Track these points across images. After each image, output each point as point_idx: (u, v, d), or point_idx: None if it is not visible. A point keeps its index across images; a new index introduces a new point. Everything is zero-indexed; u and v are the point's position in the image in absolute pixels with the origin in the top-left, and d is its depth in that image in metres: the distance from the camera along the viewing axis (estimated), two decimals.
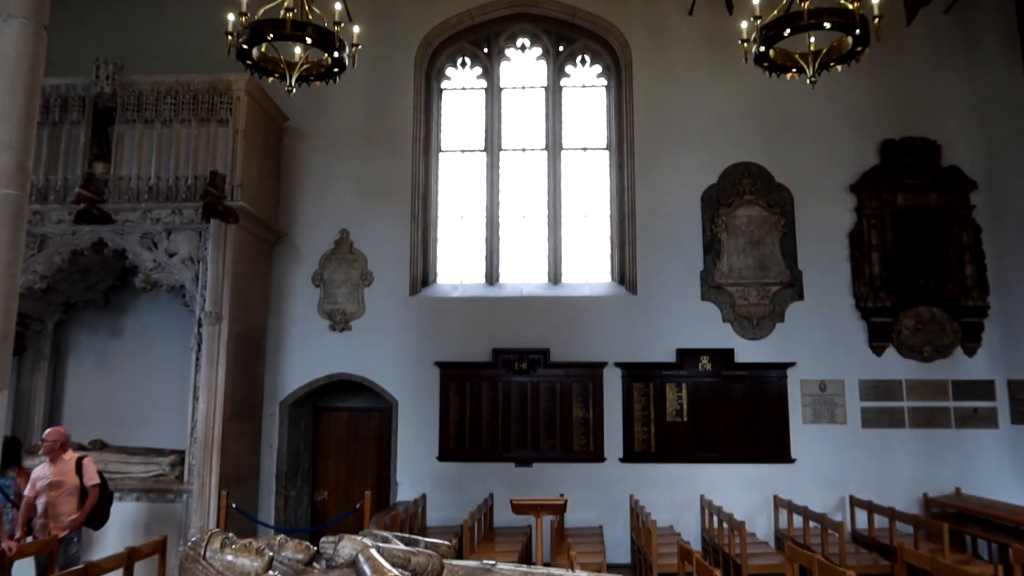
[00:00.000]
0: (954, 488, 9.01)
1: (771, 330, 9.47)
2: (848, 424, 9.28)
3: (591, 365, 9.51)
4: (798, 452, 9.23)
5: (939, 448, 9.17)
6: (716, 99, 9.91)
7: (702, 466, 9.27)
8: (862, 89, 9.75)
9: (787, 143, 9.77)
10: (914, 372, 9.34)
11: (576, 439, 9.41)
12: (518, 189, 10.57)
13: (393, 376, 9.68)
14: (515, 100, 10.86)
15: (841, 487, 9.11)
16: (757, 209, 9.66)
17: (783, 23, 6.83)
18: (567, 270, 10.25)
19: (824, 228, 9.62)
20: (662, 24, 10.26)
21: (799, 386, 9.36)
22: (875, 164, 9.69)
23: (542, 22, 10.79)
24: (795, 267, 9.55)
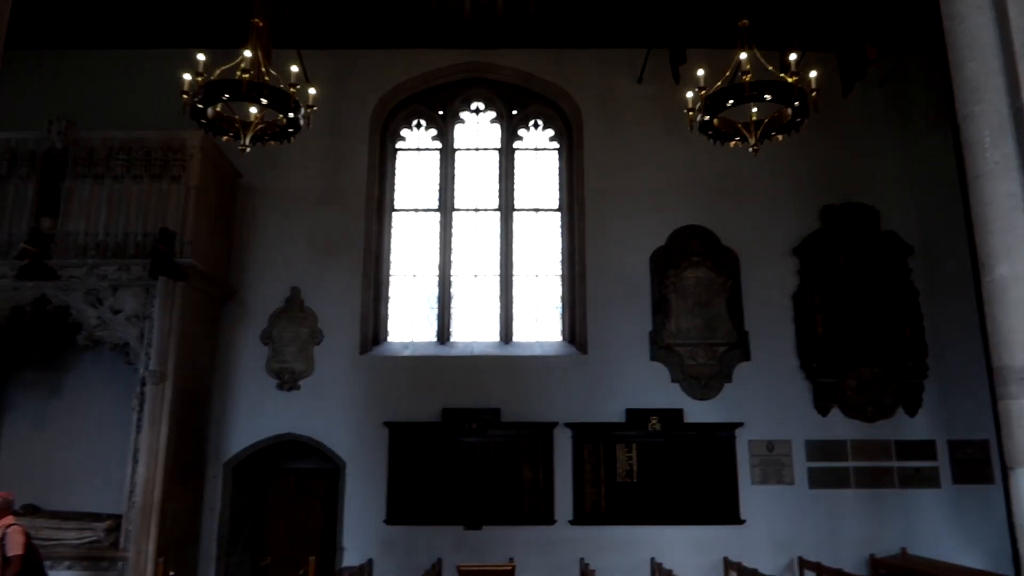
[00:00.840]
0: (900, 548, 9.09)
1: (719, 390, 9.59)
2: (796, 484, 9.36)
3: (541, 425, 9.49)
4: (747, 513, 9.27)
5: (884, 508, 9.29)
6: (664, 164, 10.21)
7: (653, 528, 9.23)
8: (804, 157, 10.13)
9: (733, 207, 10.07)
10: (858, 432, 9.51)
11: (526, 501, 9.32)
12: (471, 249, 10.67)
13: (341, 437, 9.53)
14: (469, 161, 11.04)
15: (790, 548, 9.14)
16: (704, 271, 9.88)
17: (726, 94, 7.14)
18: (518, 329, 10.30)
19: (769, 290, 9.87)
20: (612, 91, 10.59)
21: (747, 446, 9.45)
22: (817, 229, 10.03)
23: (496, 87, 11.06)
24: (742, 328, 9.74)
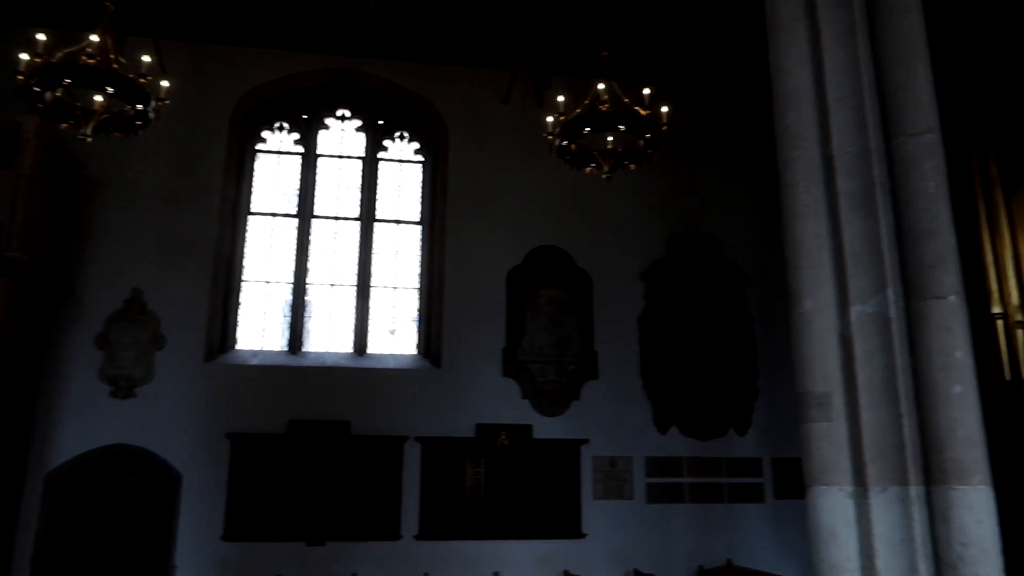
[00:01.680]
0: (726, 559, 9.66)
1: (567, 407, 9.87)
2: (635, 499, 9.77)
3: (392, 439, 9.41)
4: (589, 527, 9.57)
5: (714, 521, 9.85)
6: (526, 185, 10.44)
7: (498, 543, 9.34)
8: (654, 185, 10.63)
9: (587, 231, 10.43)
10: (694, 450, 10.05)
11: (373, 516, 9.19)
12: (328, 257, 10.47)
13: (179, 448, 9.04)
14: (331, 168, 10.85)
15: (627, 561, 9.50)
16: (558, 291, 10.17)
17: (583, 122, 7.43)
18: (373, 342, 10.19)
19: (618, 312, 10.28)
20: (478, 109, 10.74)
21: (591, 462, 9.77)
22: (663, 255, 10.56)
23: (364, 95, 10.96)
24: (591, 348, 10.09)
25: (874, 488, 3.06)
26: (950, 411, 2.97)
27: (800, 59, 3.60)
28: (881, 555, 3.00)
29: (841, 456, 3.14)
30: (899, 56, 3.39)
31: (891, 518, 3.02)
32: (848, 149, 3.40)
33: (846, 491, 3.10)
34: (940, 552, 2.92)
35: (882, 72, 3.42)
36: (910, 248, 3.18)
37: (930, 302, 3.09)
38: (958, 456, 2.93)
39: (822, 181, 3.42)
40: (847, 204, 3.34)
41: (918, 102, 3.29)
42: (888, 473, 3.06)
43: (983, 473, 2.94)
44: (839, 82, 3.49)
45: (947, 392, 2.99)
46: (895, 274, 3.20)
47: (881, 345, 3.16)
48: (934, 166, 3.23)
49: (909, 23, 3.41)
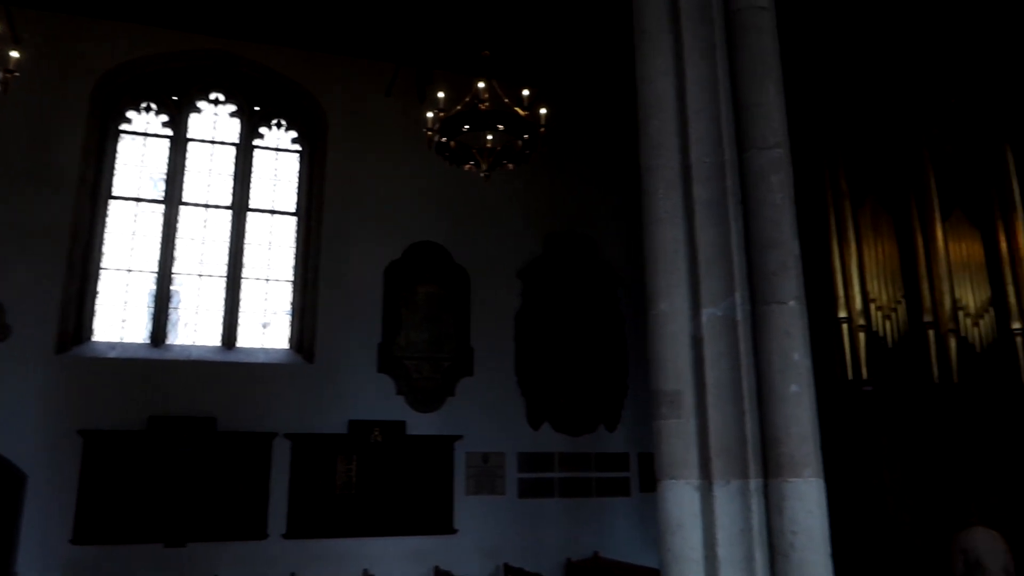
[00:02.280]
0: (593, 552, 9.94)
1: (442, 403, 9.88)
2: (507, 495, 9.89)
3: (260, 436, 9.12)
4: (460, 523, 9.61)
5: (582, 515, 10.12)
6: (406, 179, 10.35)
7: (368, 540, 9.24)
8: (534, 185, 10.79)
9: (466, 227, 10.46)
10: (565, 446, 10.29)
11: (238, 515, 8.87)
12: (197, 247, 10.02)
13: (24, 446, 8.41)
14: (202, 154, 10.39)
15: (498, 555, 9.61)
16: (436, 287, 10.16)
17: (463, 119, 7.47)
18: (243, 335, 9.84)
19: (495, 309, 10.37)
20: (360, 100, 10.55)
21: (464, 458, 9.82)
22: (541, 254, 10.74)
23: (240, 79, 10.55)
24: (467, 344, 10.13)
25: (718, 481, 3.23)
26: (787, 409, 3.18)
27: (664, 70, 3.74)
28: (722, 545, 3.17)
29: (690, 451, 3.30)
30: (753, 74, 3.59)
31: (733, 509, 3.20)
32: (705, 159, 3.57)
33: (693, 484, 3.26)
34: (774, 541, 3.12)
35: (738, 88, 3.61)
36: (756, 255, 3.37)
37: (772, 306, 3.29)
38: (792, 451, 3.14)
39: (680, 189, 3.58)
40: (702, 212, 3.50)
41: (768, 118, 3.49)
42: (731, 467, 3.24)
43: (813, 466, 3.16)
44: (699, 95, 3.66)
45: (784, 391, 3.20)
46: (743, 279, 3.39)
47: (728, 346, 3.34)
48: (780, 179, 3.43)
49: (763, 43, 3.62)
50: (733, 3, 3.69)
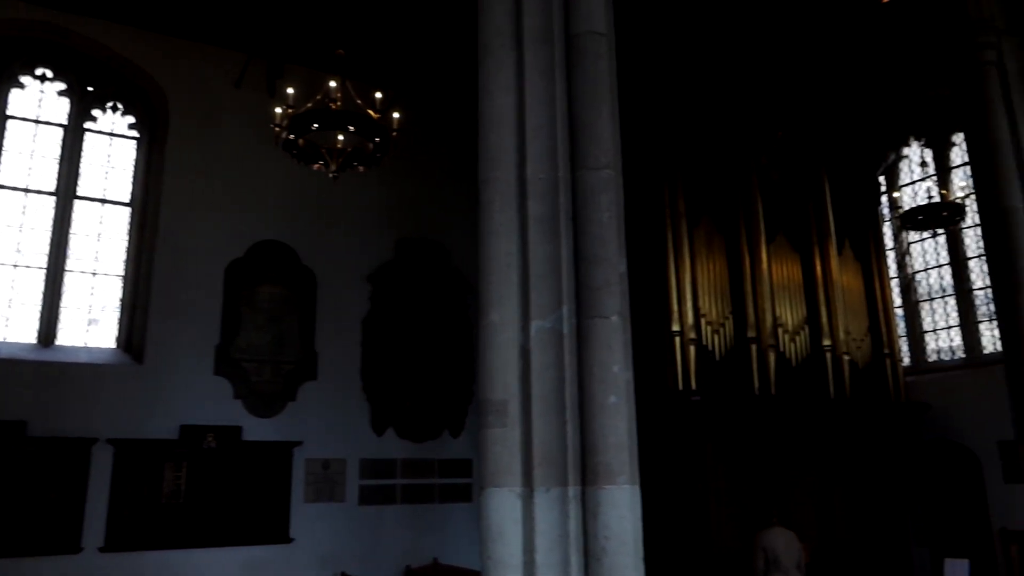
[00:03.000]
0: (432, 558, 9.94)
1: (282, 409, 9.56)
2: (346, 502, 9.71)
3: (78, 441, 8.45)
4: (297, 531, 9.33)
5: (424, 522, 10.09)
6: (253, 175, 9.96)
7: (196, 551, 8.78)
8: (386, 189, 10.68)
9: (316, 228, 10.20)
10: (408, 452, 10.23)
11: (49, 527, 8.18)
12: (13, 234, 9.19)
13: None
14: (24, 134, 9.55)
15: (335, 564, 9.40)
16: (281, 288, 9.84)
17: (312, 117, 7.29)
18: (64, 331, 9.11)
19: (342, 313, 10.17)
20: (207, 90, 10.06)
21: (304, 465, 9.55)
22: (392, 259, 10.65)
23: (71, 56, 9.77)
24: (311, 348, 9.88)
25: (539, 489, 3.33)
26: (605, 419, 3.32)
27: (505, 86, 3.83)
28: (541, 550, 3.26)
29: (514, 460, 3.38)
30: (589, 96, 3.74)
31: (552, 516, 3.31)
32: (540, 176, 3.68)
33: (516, 492, 3.34)
34: (588, 545, 3.25)
35: (574, 109, 3.75)
36: (584, 271, 3.51)
37: (596, 320, 3.43)
38: (609, 459, 3.28)
39: (516, 203, 3.67)
40: (535, 227, 3.61)
41: (600, 140, 3.65)
42: (552, 475, 3.35)
43: (628, 474, 3.32)
44: (537, 113, 3.77)
45: (604, 402, 3.34)
46: (570, 294, 3.52)
47: (555, 358, 3.46)
48: (609, 199, 3.59)
49: (599, 68, 3.78)
50: (573, 27, 3.84)
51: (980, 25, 6.52)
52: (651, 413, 9.01)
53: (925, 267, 11.87)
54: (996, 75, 6.39)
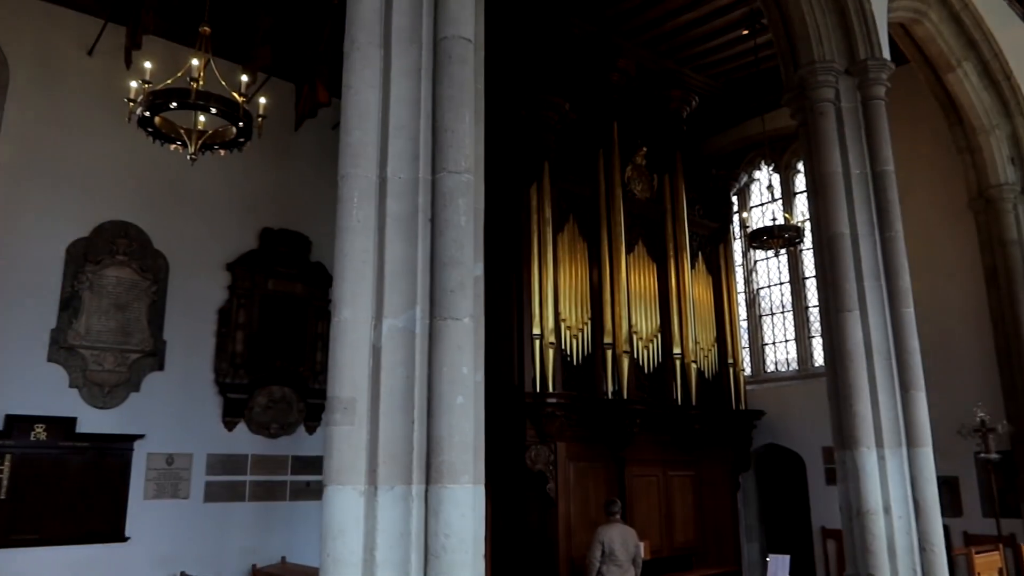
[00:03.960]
0: (281, 557, 9.68)
1: (124, 399, 9.03)
2: (191, 499, 9.29)
3: None
4: (134, 530, 8.84)
5: (273, 520, 9.82)
6: (103, 150, 9.34)
7: (19, 551, 8.14)
8: (253, 176, 10.32)
9: (172, 211, 9.71)
10: (261, 448, 9.92)
11: None
12: None
13: None
14: None
15: (175, 564, 8.97)
16: (129, 272, 9.29)
17: (171, 95, 6.93)
18: None
19: (196, 301, 9.73)
20: (55, 55, 9.36)
21: (145, 460, 9.06)
22: (253, 248, 10.29)
23: None
24: (160, 336, 9.38)
25: (383, 487, 3.34)
26: (452, 419, 3.38)
27: (371, 83, 3.81)
28: (381, 548, 3.28)
29: (359, 458, 3.37)
30: (453, 100, 3.78)
31: (395, 514, 3.33)
32: (400, 175, 3.70)
33: (359, 490, 3.34)
34: (429, 543, 3.29)
35: (438, 111, 3.79)
36: (439, 272, 3.55)
37: (448, 322, 3.49)
38: (453, 459, 3.34)
39: (374, 201, 3.66)
40: (393, 225, 3.62)
41: (461, 144, 3.71)
42: (397, 473, 3.37)
43: (471, 473, 3.39)
44: (401, 113, 3.78)
45: (452, 402, 3.40)
46: (425, 294, 3.56)
47: (405, 357, 3.48)
48: (467, 203, 3.65)
49: (464, 73, 3.83)
50: (441, 30, 3.88)
51: (822, 65, 7.08)
52: (508, 413, 9.19)
53: (768, 284, 12.74)
54: (833, 112, 6.96)
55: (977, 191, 10.08)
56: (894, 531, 6.15)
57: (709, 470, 10.85)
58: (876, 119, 6.97)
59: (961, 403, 9.37)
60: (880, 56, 7.11)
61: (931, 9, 9.06)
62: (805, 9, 7.24)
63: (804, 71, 7.17)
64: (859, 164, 6.85)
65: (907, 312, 6.56)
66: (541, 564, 9.15)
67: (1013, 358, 9.56)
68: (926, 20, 9.10)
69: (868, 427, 6.33)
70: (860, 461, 6.28)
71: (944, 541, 6.41)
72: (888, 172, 6.83)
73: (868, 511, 6.18)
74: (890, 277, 6.65)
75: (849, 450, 6.36)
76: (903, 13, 8.89)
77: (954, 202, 10.57)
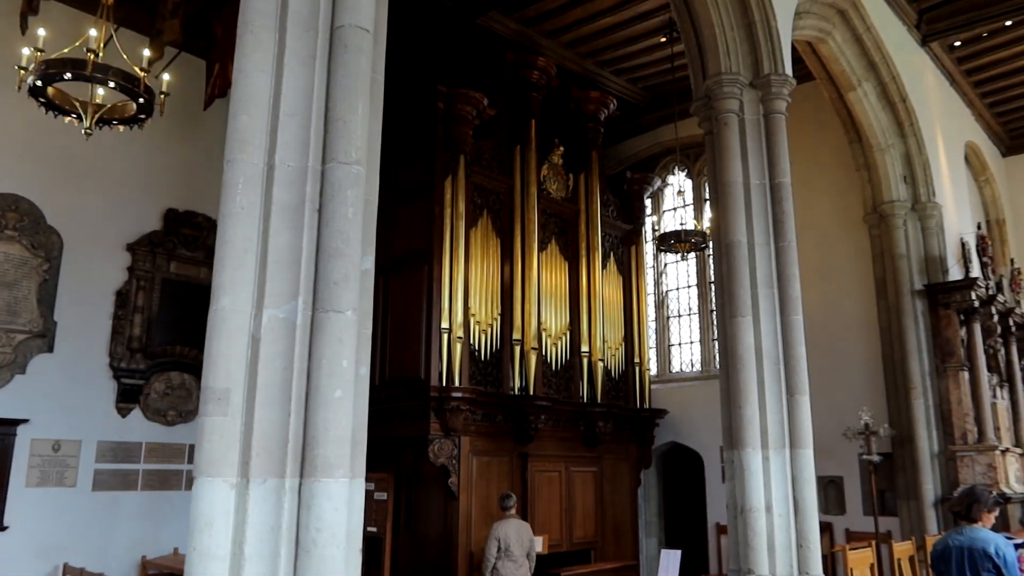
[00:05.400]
0: (173, 548, 9.41)
1: (8, 381, 8.59)
2: (78, 487, 8.92)
3: None
4: (14, 519, 8.42)
5: (167, 510, 9.51)
6: None
7: None
8: (158, 154, 9.96)
9: (68, 186, 9.27)
10: (157, 435, 9.61)
11: None
12: None
13: None
14: None
15: (58, 554, 8.60)
16: (19, 248, 8.84)
17: (65, 65, 6.63)
18: None
19: (92, 281, 9.34)
20: None
21: (29, 445, 8.65)
22: (156, 228, 9.94)
23: None
24: (51, 317, 8.96)
25: (255, 480, 3.28)
26: (329, 413, 3.35)
27: (263, 68, 3.73)
28: (251, 542, 3.22)
29: (232, 450, 3.31)
30: (347, 90, 3.74)
31: (266, 508, 3.28)
32: (290, 163, 3.63)
33: (230, 482, 3.27)
34: (300, 537, 3.26)
35: (331, 101, 3.74)
36: (323, 263, 3.51)
37: (330, 314, 3.45)
38: (328, 452, 3.31)
39: (261, 188, 3.59)
40: (279, 214, 3.56)
41: (353, 135, 3.67)
42: (271, 466, 3.32)
43: (347, 467, 3.37)
44: (293, 100, 3.72)
45: (330, 395, 3.37)
46: (308, 285, 3.51)
47: (285, 349, 3.43)
48: (356, 194, 3.62)
49: (359, 63, 3.79)
50: (338, 18, 3.82)
51: (728, 77, 7.29)
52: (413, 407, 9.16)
53: (677, 287, 13.07)
54: (736, 123, 7.18)
55: (872, 206, 10.59)
56: (774, 528, 6.42)
57: (612, 466, 11.07)
58: (776, 132, 7.21)
59: (850, 407, 9.83)
60: (783, 72, 7.36)
61: (836, 30, 9.45)
62: (715, 21, 7.44)
63: (711, 82, 7.37)
64: (758, 175, 7.09)
65: (796, 319, 6.85)
66: (441, 558, 9.16)
67: (896, 365, 10.10)
68: (831, 40, 9.49)
69: (755, 429, 6.57)
70: (746, 461, 6.52)
71: (819, 538, 6.74)
72: (785, 184, 7.09)
73: (751, 509, 6.42)
74: (782, 285, 6.92)
75: (737, 450, 6.60)
76: (810, 32, 9.25)
77: (851, 216, 11.08)
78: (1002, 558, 4.44)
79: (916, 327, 10.02)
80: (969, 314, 10.04)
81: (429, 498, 9.44)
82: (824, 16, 9.28)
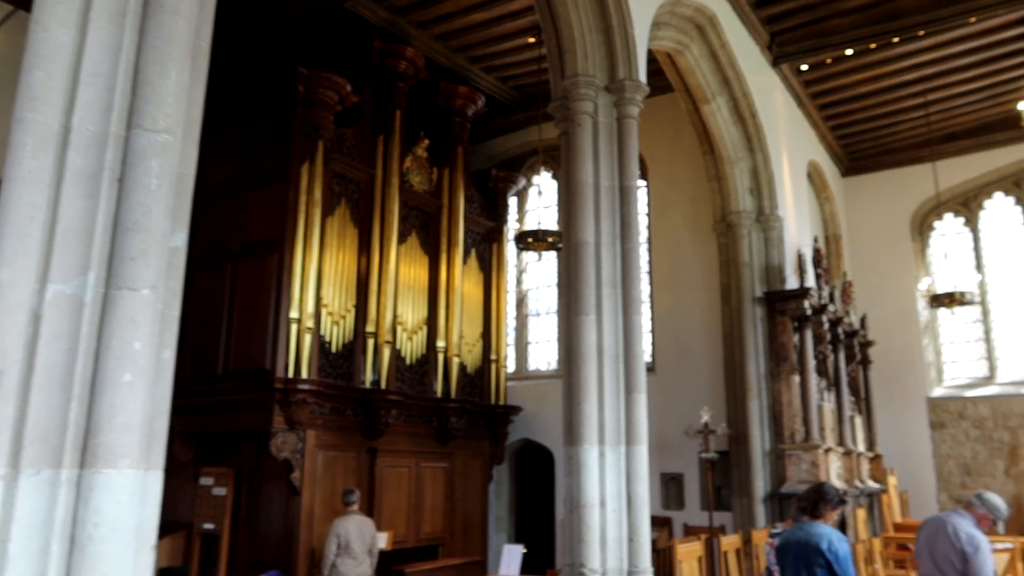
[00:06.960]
0: None
1: None
2: None
3: None
4: None
5: None
6: None
7: None
8: None
9: None
10: None
11: None
12: None
13: None
14: None
15: None
16: None
17: None
18: None
19: None
20: None
21: None
22: None
23: None
24: None
25: (27, 471, 2.98)
26: (115, 398, 3.09)
27: (65, 21, 3.41)
28: (17, 540, 2.92)
29: (2, 437, 2.99)
30: (159, 53, 3.48)
31: (38, 501, 2.98)
32: (89, 127, 3.34)
33: None
34: (76, 533, 2.99)
35: (141, 63, 3.47)
36: (120, 237, 3.25)
37: (124, 292, 3.19)
38: (112, 441, 3.06)
39: (54, 152, 3.27)
40: (72, 181, 3.25)
41: (162, 101, 3.42)
42: (46, 456, 3.02)
43: (133, 457, 3.12)
44: (97, 59, 3.41)
45: (118, 379, 3.11)
46: (102, 260, 3.23)
47: (71, 327, 3.14)
48: (162, 165, 3.37)
49: (175, 25, 3.54)
50: None
51: (584, 79, 7.41)
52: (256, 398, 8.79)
53: (538, 286, 13.23)
54: (590, 125, 7.31)
55: (721, 215, 11.10)
56: (607, 523, 6.57)
57: (463, 462, 11.05)
58: (628, 136, 7.40)
59: (695, 407, 10.24)
60: (636, 78, 7.56)
61: (693, 43, 9.83)
62: (575, 24, 7.55)
63: (568, 82, 7.47)
64: (608, 177, 7.24)
65: (637, 320, 7.04)
66: (282, 556, 8.84)
67: (736, 368, 10.63)
68: (688, 53, 9.86)
69: (593, 425, 6.71)
70: (583, 457, 6.64)
71: (657, 533, 6.96)
72: (633, 187, 7.27)
73: (586, 504, 6.55)
74: (626, 286, 7.09)
75: (575, 446, 6.71)
76: (668, 43, 9.57)
77: (703, 225, 11.57)
78: (834, 554, 4.65)
79: (755, 332, 10.57)
80: (802, 321, 10.69)
81: (271, 494, 9.10)
82: (682, 29, 9.63)
